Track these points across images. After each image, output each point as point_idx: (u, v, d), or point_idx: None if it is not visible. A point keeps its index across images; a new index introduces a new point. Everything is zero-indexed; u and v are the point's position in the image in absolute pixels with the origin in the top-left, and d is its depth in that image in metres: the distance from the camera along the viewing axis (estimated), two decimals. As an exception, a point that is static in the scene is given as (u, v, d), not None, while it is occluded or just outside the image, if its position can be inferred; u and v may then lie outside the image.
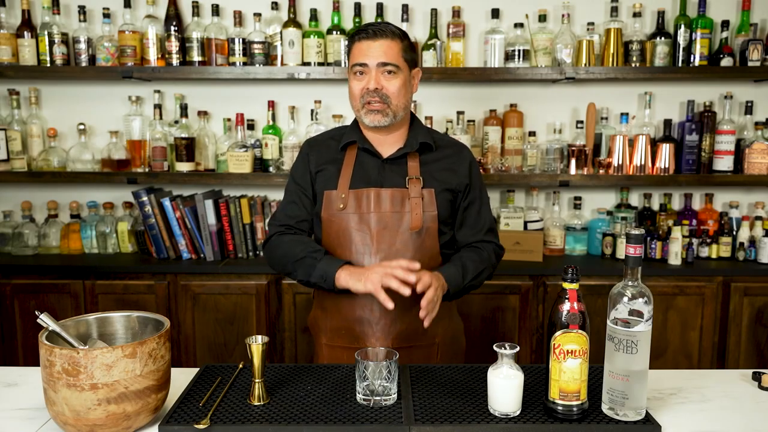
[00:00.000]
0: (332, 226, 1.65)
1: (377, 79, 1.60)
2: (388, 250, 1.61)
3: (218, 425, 1.20)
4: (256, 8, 2.78)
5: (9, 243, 2.81)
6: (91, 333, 1.32)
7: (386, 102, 1.61)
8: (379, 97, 1.60)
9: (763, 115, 2.87)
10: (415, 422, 1.21)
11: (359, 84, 1.62)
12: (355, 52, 1.63)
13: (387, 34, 1.61)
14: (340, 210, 1.63)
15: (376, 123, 1.62)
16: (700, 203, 2.97)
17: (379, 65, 1.60)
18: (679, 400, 1.35)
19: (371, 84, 1.60)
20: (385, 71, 1.60)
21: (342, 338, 1.67)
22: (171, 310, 2.60)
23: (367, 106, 1.61)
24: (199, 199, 2.70)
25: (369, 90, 1.60)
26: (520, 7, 2.82)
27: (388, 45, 1.61)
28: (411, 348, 1.65)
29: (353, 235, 1.62)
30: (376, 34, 1.60)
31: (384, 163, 1.68)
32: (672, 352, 2.63)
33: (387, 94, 1.61)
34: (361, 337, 1.64)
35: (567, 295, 1.20)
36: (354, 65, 1.63)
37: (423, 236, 1.63)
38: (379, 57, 1.59)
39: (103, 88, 2.90)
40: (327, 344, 1.70)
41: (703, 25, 2.70)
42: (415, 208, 1.62)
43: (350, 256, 1.62)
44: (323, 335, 1.71)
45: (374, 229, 1.61)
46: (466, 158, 1.74)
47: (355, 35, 1.64)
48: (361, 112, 1.64)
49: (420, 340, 1.66)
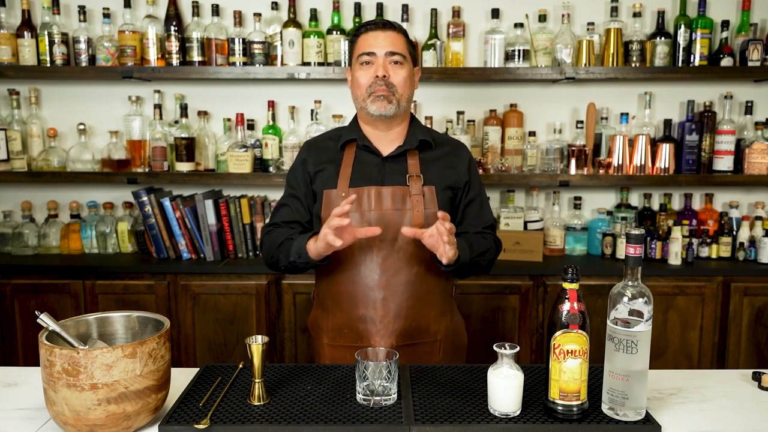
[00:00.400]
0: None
1: (385, 67, 1.62)
2: (390, 248, 1.61)
3: (218, 425, 1.20)
4: (256, 8, 2.78)
5: (9, 243, 2.81)
6: (91, 333, 1.32)
7: (392, 90, 1.63)
8: (386, 85, 1.62)
9: (763, 115, 2.87)
10: (415, 422, 1.21)
11: (366, 73, 1.64)
12: (362, 43, 1.65)
13: (394, 27, 1.67)
14: None
15: (381, 111, 1.63)
16: (700, 203, 2.97)
17: (388, 54, 1.62)
18: (679, 400, 1.35)
19: (380, 71, 1.62)
20: (392, 61, 1.63)
21: (344, 337, 1.66)
22: (171, 310, 2.60)
23: (374, 94, 1.62)
24: (199, 199, 2.70)
25: (377, 78, 1.62)
26: (520, 7, 2.82)
27: (395, 36, 1.65)
28: (414, 345, 1.65)
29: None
30: (384, 26, 1.65)
31: (384, 161, 1.68)
32: (672, 352, 2.63)
33: (393, 83, 1.63)
34: (365, 335, 1.63)
35: (567, 295, 1.20)
36: (361, 55, 1.64)
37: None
38: (387, 46, 1.62)
39: (103, 88, 2.90)
40: (329, 344, 1.70)
41: (703, 25, 2.70)
42: (417, 206, 1.62)
43: (351, 254, 1.62)
44: (325, 335, 1.71)
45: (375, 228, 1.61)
46: (465, 156, 1.75)
47: (361, 28, 1.67)
48: (366, 102, 1.64)
49: (423, 337, 1.67)
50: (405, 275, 1.62)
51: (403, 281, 1.62)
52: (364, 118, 1.70)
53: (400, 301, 1.61)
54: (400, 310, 1.61)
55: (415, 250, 1.61)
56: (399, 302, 1.61)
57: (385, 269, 1.60)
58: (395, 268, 1.61)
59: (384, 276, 1.61)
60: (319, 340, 1.74)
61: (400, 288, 1.61)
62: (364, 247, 1.61)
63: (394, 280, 1.61)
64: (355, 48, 1.67)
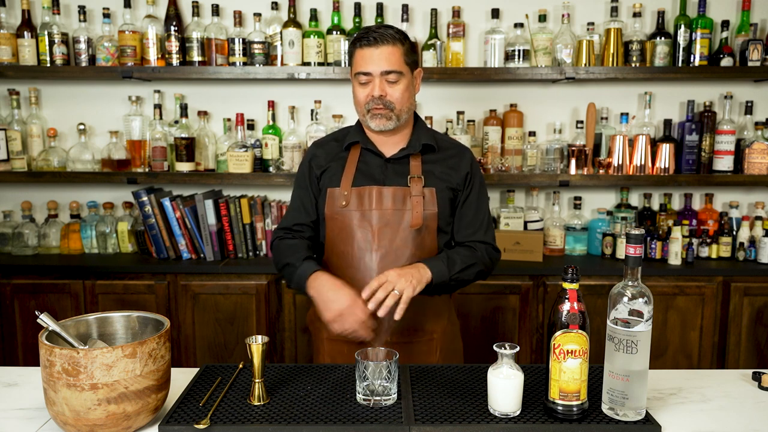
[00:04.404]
0: (335, 223, 1.68)
1: (381, 87, 1.62)
2: (389, 246, 1.64)
3: (218, 425, 1.20)
4: (256, 8, 2.78)
5: (9, 243, 2.81)
6: (91, 333, 1.32)
7: (390, 108, 1.63)
8: (383, 104, 1.62)
9: (763, 115, 2.87)
10: (415, 422, 1.21)
11: (363, 91, 1.65)
12: (358, 59, 1.64)
13: (388, 40, 1.61)
14: (343, 207, 1.66)
15: (381, 127, 1.65)
16: (700, 203, 2.97)
17: (383, 73, 1.61)
18: (679, 400, 1.35)
19: (375, 91, 1.62)
20: (388, 79, 1.62)
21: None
22: (171, 310, 2.60)
23: (372, 111, 1.64)
24: (199, 199, 2.70)
25: (374, 97, 1.62)
26: (520, 7, 2.82)
27: (390, 51, 1.61)
28: (410, 343, 1.68)
29: (355, 232, 1.65)
30: (377, 40, 1.61)
31: (387, 162, 1.70)
32: (672, 352, 2.63)
33: (391, 101, 1.63)
34: None
35: (567, 295, 1.20)
36: (357, 74, 1.64)
37: (423, 234, 1.66)
38: (381, 65, 1.61)
39: (103, 88, 2.90)
40: (329, 338, 1.72)
41: (703, 25, 2.70)
42: (416, 206, 1.64)
43: (352, 252, 1.65)
44: (324, 330, 1.72)
45: (375, 226, 1.64)
46: (468, 159, 1.76)
47: (356, 41, 1.64)
48: (366, 117, 1.67)
49: (418, 336, 1.69)
50: None
51: None
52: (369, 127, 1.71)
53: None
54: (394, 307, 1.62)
55: (413, 250, 1.64)
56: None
57: (382, 267, 1.62)
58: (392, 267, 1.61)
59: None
60: (319, 335, 1.77)
61: None
62: (362, 246, 1.64)
63: None
64: (353, 61, 1.66)
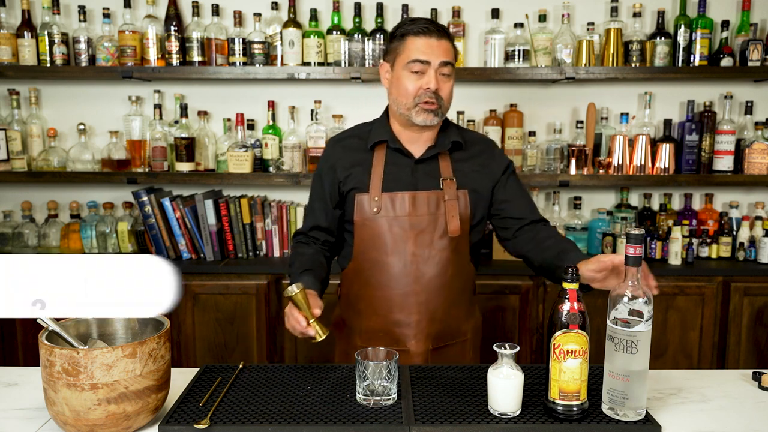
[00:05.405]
0: (365, 230, 1.62)
1: (437, 79, 1.57)
2: (425, 253, 1.59)
3: (218, 425, 1.20)
4: (256, 8, 2.78)
5: (9, 243, 2.81)
6: (91, 333, 1.32)
7: (440, 103, 1.59)
8: (435, 99, 1.57)
9: (763, 115, 2.87)
10: (415, 422, 1.21)
11: (416, 82, 1.57)
12: (412, 46, 1.56)
13: (447, 36, 1.59)
14: (375, 214, 1.59)
15: (428, 122, 1.59)
16: (700, 203, 2.97)
17: (441, 64, 1.57)
18: (679, 400, 1.35)
19: (432, 84, 1.56)
20: (443, 72, 1.58)
21: (380, 340, 1.63)
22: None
23: (422, 105, 1.57)
24: (199, 199, 2.70)
25: (428, 90, 1.57)
26: (520, 7, 2.82)
27: (448, 45, 1.59)
28: (447, 347, 1.67)
29: (387, 239, 1.59)
30: (440, 33, 1.57)
31: (416, 164, 1.64)
32: (672, 352, 2.63)
33: (442, 96, 1.59)
34: (401, 339, 1.63)
35: (567, 295, 1.20)
36: (413, 61, 1.56)
37: (457, 238, 1.62)
38: (440, 55, 1.56)
39: (103, 88, 2.90)
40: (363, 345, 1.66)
41: (703, 25, 2.70)
42: (451, 210, 1.59)
43: (385, 258, 1.60)
44: (358, 337, 1.68)
45: (410, 233, 1.59)
46: (499, 154, 1.72)
47: (412, 26, 1.57)
48: (411, 111, 1.59)
49: (455, 338, 1.69)
50: (440, 280, 1.61)
51: (438, 285, 1.61)
52: (400, 119, 1.64)
53: (435, 305, 1.61)
54: (435, 313, 1.61)
55: (449, 255, 1.61)
56: (435, 306, 1.61)
57: (420, 275, 1.59)
58: (431, 274, 1.60)
59: (420, 281, 1.60)
60: (350, 340, 1.71)
61: (435, 292, 1.61)
62: (400, 252, 1.59)
63: (430, 285, 1.61)
64: (402, 48, 1.58)
